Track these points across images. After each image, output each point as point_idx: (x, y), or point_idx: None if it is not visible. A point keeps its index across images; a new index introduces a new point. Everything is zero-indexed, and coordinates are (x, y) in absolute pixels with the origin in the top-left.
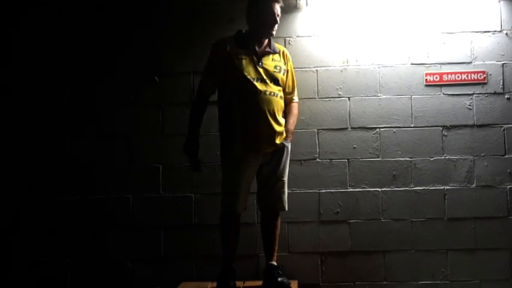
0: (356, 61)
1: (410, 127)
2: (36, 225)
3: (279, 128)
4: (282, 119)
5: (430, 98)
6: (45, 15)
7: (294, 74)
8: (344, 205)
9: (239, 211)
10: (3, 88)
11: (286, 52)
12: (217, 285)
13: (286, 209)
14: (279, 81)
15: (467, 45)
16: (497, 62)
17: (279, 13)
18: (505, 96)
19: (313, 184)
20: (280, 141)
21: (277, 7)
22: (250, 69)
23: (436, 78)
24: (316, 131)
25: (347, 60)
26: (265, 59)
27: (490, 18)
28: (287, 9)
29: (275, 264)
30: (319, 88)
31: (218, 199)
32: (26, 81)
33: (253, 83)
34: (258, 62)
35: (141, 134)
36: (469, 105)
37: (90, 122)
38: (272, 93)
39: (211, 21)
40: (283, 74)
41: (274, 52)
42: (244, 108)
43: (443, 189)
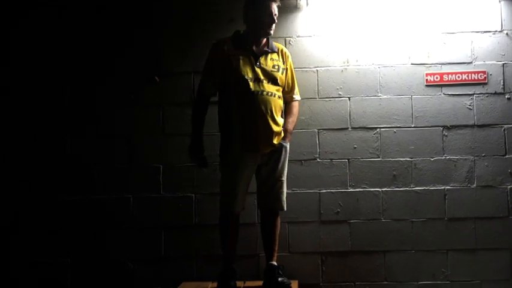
0: (356, 61)
1: (411, 127)
2: (36, 225)
3: (277, 128)
4: (281, 119)
5: (431, 98)
6: (45, 15)
7: (293, 73)
8: (344, 205)
9: (237, 211)
10: (3, 88)
11: (285, 51)
12: (218, 285)
13: (285, 209)
14: (278, 80)
15: (467, 45)
16: (497, 62)
17: (276, 12)
18: (506, 96)
19: (314, 184)
20: (278, 141)
21: (274, 7)
22: (248, 69)
23: (436, 78)
24: (316, 131)
25: (347, 60)
26: (262, 58)
27: (490, 18)
28: (287, 9)
29: (275, 264)
30: (320, 88)
31: (218, 199)
32: (26, 81)
33: (250, 83)
34: (255, 62)
35: (141, 134)
36: (469, 105)
37: (90, 122)
38: (270, 93)
39: (211, 21)
40: (282, 73)
41: (273, 51)
42: (242, 108)
43: (443, 189)
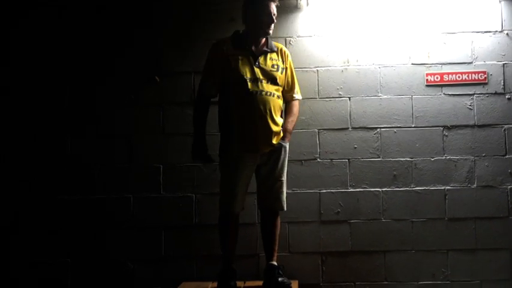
0: (357, 61)
1: (411, 127)
2: (36, 225)
3: (276, 128)
4: (280, 119)
5: (431, 98)
6: (45, 15)
7: (293, 72)
8: (345, 205)
9: (237, 211)
10: (3, 88)
11: (284, 50)
12: (218, 285)
13: (285, 209)
14: (277, 80)
15: (468, 46)
16: (498, 62)
17: (275, 12)
18: (506, 96)
19: (314, 184)
20: (277, 141)
21: (273, 6)
22: (247, 69)
23: (436, 78)
24: (316, 131)
25: (348, 60)
26: (262, 58)
27: (490, 19)
28: (288, 9)
29: (275, 264)
30: (320, 88)
31: (218, 199)
32: (26, 81)
33: (249, 83)
34: (254, 62)
35: (141, 134)
36: (469, 105)
37: (90, 122)
38: (269, 93)
39: (211, 21)
40: (281, 73)
41: (272, 51)
42: (241, 108)
43: (444, 189)
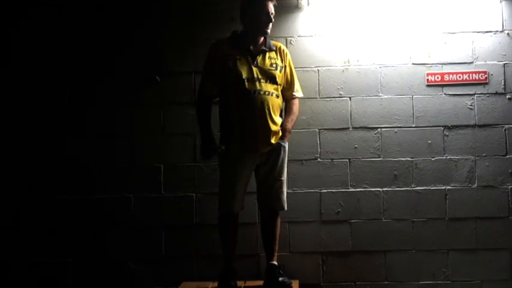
0: (357, 61)
1: (412, 127)
2: (36, 225)
3: (275, 128)
4: (279, 119)
5: (432, 98)
6: (45, 15)
7: (293, 70)
8: (345, 205)
9: (236, 211)
10: (3, 88)
11: (283, 48)
12: (219, 285)
13: (286, 208)
14: (276, 79)
15: (468, 45)
16: (498, 62)
17: (273, 11)
18: (507, 96)
19: (314, 184)
20: (276, 140)
21: (271, 6)
22: (245, 69)
23: (437, 78)
24: (317, 130)
25: (348, 60)
26: (260, 57)
27: (491, 18)
28: (288, 9)
29: (276, 264)
30: (321, 88)
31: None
32: (26, 81)
33: (247, 83)
34: (252, 61)
35: (141, 134)
36: (470, 105)
37: (90, 122)
38: (267, 93)
39: (211, 21)
40: (280, 71)
41: (270, 50)
42: (240, 108)
43: (444, 189)
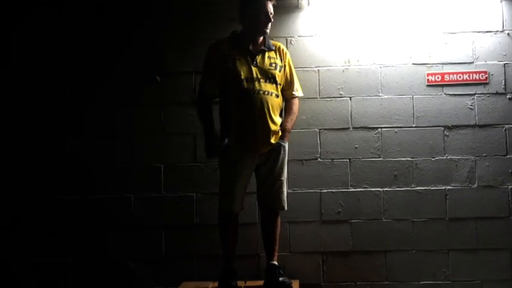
0: (358, 61)
1: (412, 127)
2: (36, 225)
3: (275, 127)
4: (278, 118)
5: (432, 98)
6: (45, 15)
7: (292, 69)
8: (345, 205)
9: (236, 211)
10: (3, 88)
11: (282, 48)
12: (219, 285)
13: (286, 208)
14: (276, 78)
15: (469, 45)
16: (499, 62)
17: (272, 11)
18: (507, 96)
19: (315, 184)
20: (275, 140)
21: (270, 6)
22: (244, 69)
23: (437, 78)
24: (317, 130)
25: (349, 60)
26: (259, 57)
27: (491, 18)
28: (289, 9)
29: (276, 264)
30: (321, 88)
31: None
32: (26, 81)
33: (247, 83)
34: (252, 61)
35: (141, 134)
36: (470, 105)
37: (90, 122)
38: (267, 92)
39: (211, 21)
40: (280, 71)
41: (270, 49)
42: (240, 108)
43: (444, 189)
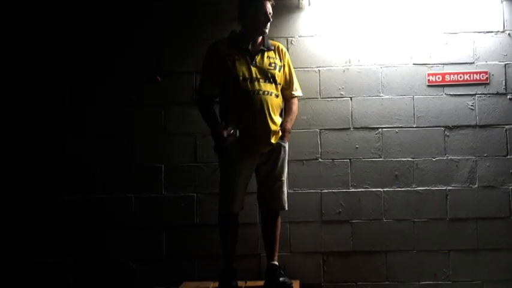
0: (358, 61)
1: (413, 127)
2: (36, 225)
3: (275, 127)
4: (278, 118)
5: (433, 98)
6: (45, 15)
7: (291, 69)
8: (346, 205)
9: (236, 211)
10: (3, 88)
11: (281, 47)
12: (219, 285)
13: (286, 208)
14: (275, 78)
15: (469, 46)
16: (499, 62)
17: (271, 11)
18: (508, 96)
19: (315, 184)
20: (275, 140)
21: (269, 6)
22: (244, 69)
23: (438, 78)
24: (318, 131)
25: (349, 60)
26: (258, 57)
27: (492, 19)
28: (289, 9)
29: (277, 264)
30: (322, 88)
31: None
32: (26, 81)
33: (246, 83)
34: (251, 61)
35: (142, 134)
36: (471, 105)
37: (90, 122)
38: (267, 92)
39: (211, 21)
40: (279, 71)
41: (269, 49)
42: (240, 108)
43: (445, 189)
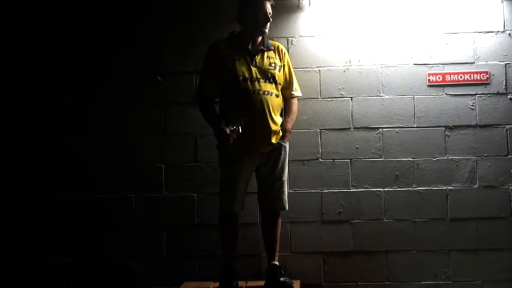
0: (359, 61)
1: (413, 127)
2: (36, 225)
3: (275, 127)
4: (279, 118)
5: (433, 98)
6: (45, 15)
7: (291, 69)
8: (346, 205)
9: (237, 211)
10: (3, 88)
11: (281, 47)
12: (220, 285)
13: (287, 208)
14: (275, 78)
15: (470, 46)
16: (500, 62)
17: (271, 11)
18: (508, 96)
19: (316, 184)
20: (276, 140)
21: (268, 6)
22: (244, 69)
23: (438, 78)
24: (318, 131)
25: (350, 60)
26: (258, 57)
27: (492, 19)
28: (289, 9)
29: (277, 264)
30: (322, 88)
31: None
32: (26, 81)
33: (247, 83)
34: (251, 61)
35: (142, 134)
36: (471, 105)
37: (90, 122)
38: (267, 92)
39: (211, 21)
40: (279, 71)
41: (269, 49)
42: (240, 108)
43: (445, 189)
